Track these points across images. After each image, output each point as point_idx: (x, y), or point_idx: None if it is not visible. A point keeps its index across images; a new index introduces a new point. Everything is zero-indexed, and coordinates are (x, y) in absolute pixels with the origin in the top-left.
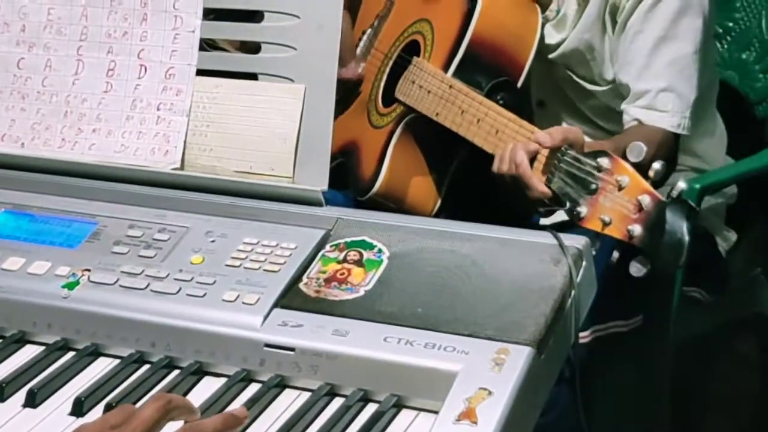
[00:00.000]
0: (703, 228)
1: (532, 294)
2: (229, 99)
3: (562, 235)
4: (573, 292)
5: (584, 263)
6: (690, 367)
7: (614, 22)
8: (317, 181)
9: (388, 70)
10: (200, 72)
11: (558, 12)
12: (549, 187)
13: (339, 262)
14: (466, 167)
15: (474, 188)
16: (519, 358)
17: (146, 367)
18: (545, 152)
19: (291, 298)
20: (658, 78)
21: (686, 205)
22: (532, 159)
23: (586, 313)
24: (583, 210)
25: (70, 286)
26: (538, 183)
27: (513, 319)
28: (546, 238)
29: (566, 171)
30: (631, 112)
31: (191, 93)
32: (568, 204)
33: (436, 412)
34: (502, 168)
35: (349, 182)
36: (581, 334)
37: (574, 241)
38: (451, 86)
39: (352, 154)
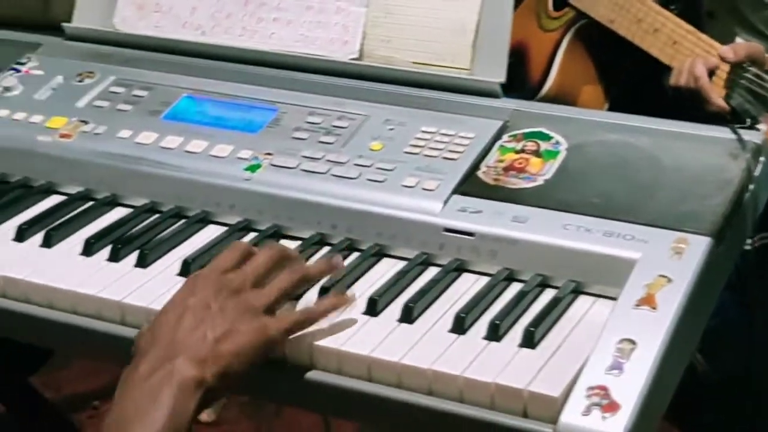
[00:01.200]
0: None
1: (709, 186)
2: None
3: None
4: (751, 186)
5: (762, 158)
6: None
7: None
8: (495, 72)
9: None
10: None
11: None
12: (728, 103)
13: (517, 152)
14: (634, 77)
15: (641, 99)
16: (699, 247)
17: (327, 248)
18: (725, 68)
19: (470, 185)
20: None
21: None
22: (711, 74)
23: (762, 209)
24: (762, 128)
25: (252, 168)
26: (717, 98)
27: (691, 209)
28: (724, 132)
29: (747, 88)
30: None
31: None
32: (747, 121)
33: (614, 299)
34: (680, 80)
35: (515, 85)
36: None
37: (753, 136)
38: None
39: (519, 56)
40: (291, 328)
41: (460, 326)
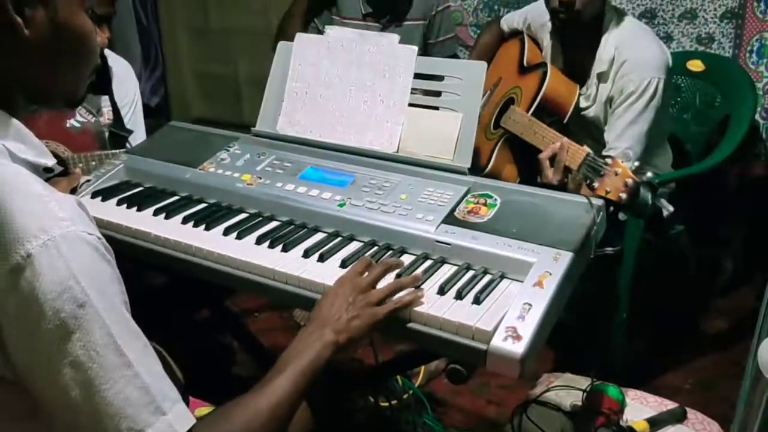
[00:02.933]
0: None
1: (573, 225)
2: (426, 117)
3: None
4: (595, 227)
5: (601, 213)
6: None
7: (610, 106)
8: (465, 161)
9: (497, 111)
10: (411, 104)
11: (587, 90)
12: (578, 171)
13: (475, 203)
14: (532, 161)
15: (536, 173)
16: (566, 257)
17: (408, 257)
18: (579, 159)
19: (450, 219)
20: (625, 142)
21: (651, 184)
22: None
23: (600, 238)
24: (596, 185)
25: (341, 205)
26: (552, 176)
27: (564, 237)
28: (581, 198)
29: (588, 165)
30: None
31: (405, 113)
32: (588, 181)
33: (521, 281)
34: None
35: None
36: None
37: (597, 201)
38: (530, 120)
39: (475, 152)
40: (389, 314)
41: (442, 291)
